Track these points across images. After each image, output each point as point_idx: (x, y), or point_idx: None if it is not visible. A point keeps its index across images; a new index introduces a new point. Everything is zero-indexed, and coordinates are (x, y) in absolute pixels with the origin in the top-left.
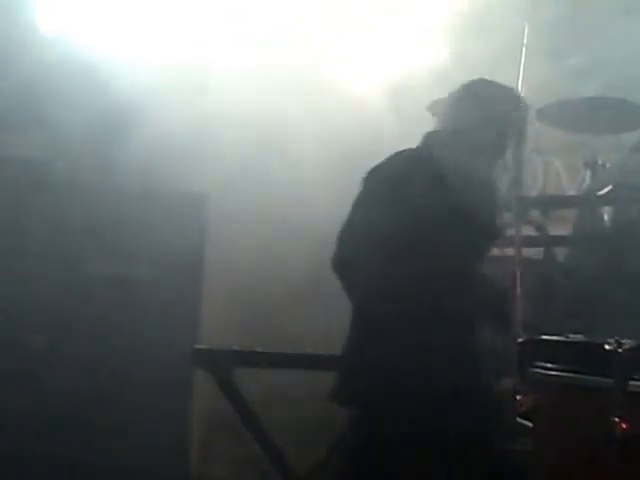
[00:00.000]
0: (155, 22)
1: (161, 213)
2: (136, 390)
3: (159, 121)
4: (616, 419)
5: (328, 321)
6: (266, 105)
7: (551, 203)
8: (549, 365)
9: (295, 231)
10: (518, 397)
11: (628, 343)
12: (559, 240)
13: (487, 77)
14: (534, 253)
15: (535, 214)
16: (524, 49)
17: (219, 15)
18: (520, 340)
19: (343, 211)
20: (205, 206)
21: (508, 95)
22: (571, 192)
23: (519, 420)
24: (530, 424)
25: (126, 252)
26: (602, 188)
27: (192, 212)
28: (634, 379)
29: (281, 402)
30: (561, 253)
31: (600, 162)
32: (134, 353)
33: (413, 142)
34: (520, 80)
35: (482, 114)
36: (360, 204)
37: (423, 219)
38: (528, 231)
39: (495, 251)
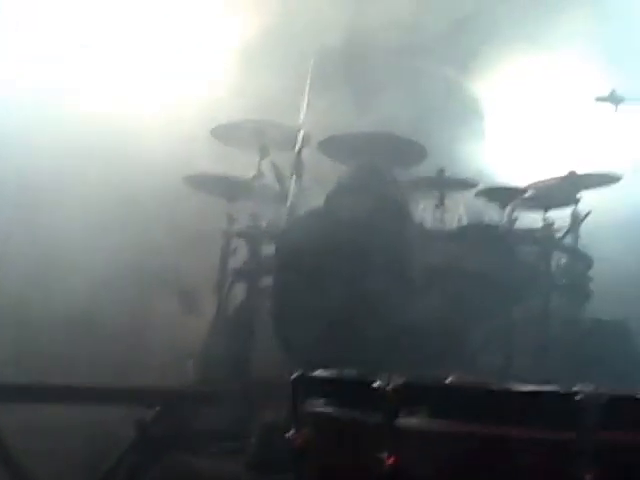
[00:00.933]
0: None
1: None
2: None
3: None
4: (383, 455)
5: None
6: None
7: None
8: (320, 400)
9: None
10: (290, 432)
11: (397, 380)
12: None
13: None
14: None
15: None
16: (309, 82)
17: None
18: (293, 376)
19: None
20: None
21: None
22: None
23: (290, 455)
24: (302, 460)
25: None
26: None
27: None
28: (401, 415)
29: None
30: None
31: None
32: None
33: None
34: (303, 112)
35: None
36: None
37: None
38: None
39: None
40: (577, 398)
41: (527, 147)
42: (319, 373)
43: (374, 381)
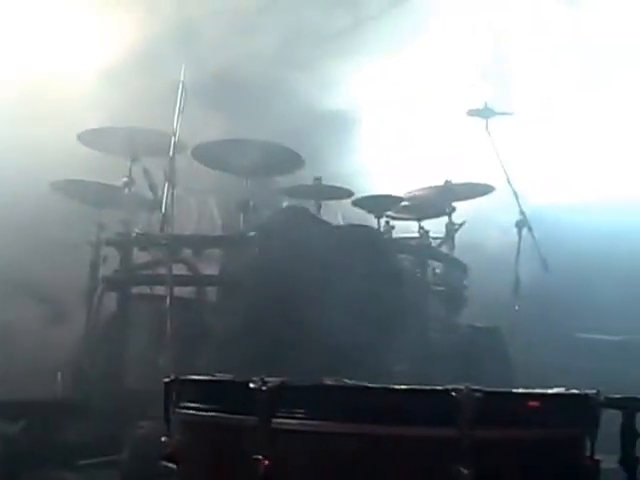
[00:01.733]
0: None
1: None
2: None
3: None
4: (259, 457)
5: None
6: None
7: (203, 242)
8: (195, 405)
9: None
10: (163, 439)
11: (273, 381)
12: (211, 279)
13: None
14: (186, 292)
15: (187, 253)
16: (181, 87)
17: None
18: (166, 380)
19: None
20: None
21: None
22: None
23: (164, 462)
24: (175, 466)
25: None
26: (254, 229)
27: None
28: (278, 417)
29: None
30: (213, 292)
31: (252, 204)
32: None
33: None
34: (176, 119)
35: None
36: None
37: None
38: (180, 270)
39: (147, 289)
40: (453, 395)
41: (404, 156)
42: (193, 377)
43: (249, 382)
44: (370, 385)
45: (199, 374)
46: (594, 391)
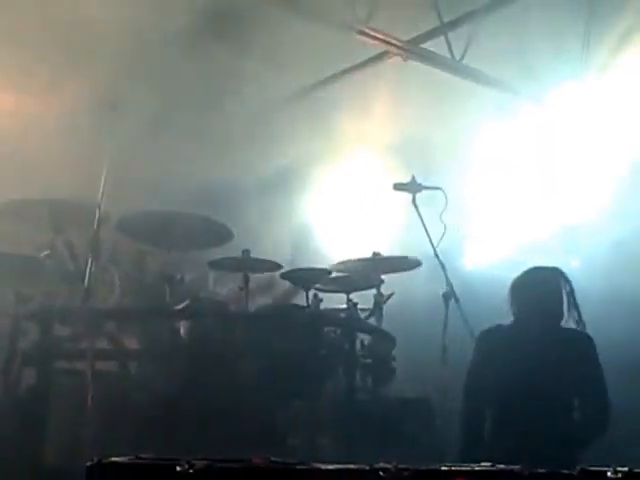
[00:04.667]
0: None
1: None
2: None
3: None
4: None
5: None
6: None
7: (126, 315)
8: None
9: None
10: None
11: (199, 464)
12: (134, 353)
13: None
14: (108, 366)
15: (110, 326)
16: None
17: None
18: (88, 463)
19: None
20: None
21: None
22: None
23: None
24: None
25: None
26: (180, 302)
27: None
28: None
29: None
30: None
31: (179, 276)
32: None
33: None
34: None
35: None
36: None
37: None
38: (102, 344)
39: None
40: (381, 475)
41: (333, 229)
42: (117, 459)
43: (176, 465)
44: (298, 466)
45: (122, 455)
46: (518, 467)
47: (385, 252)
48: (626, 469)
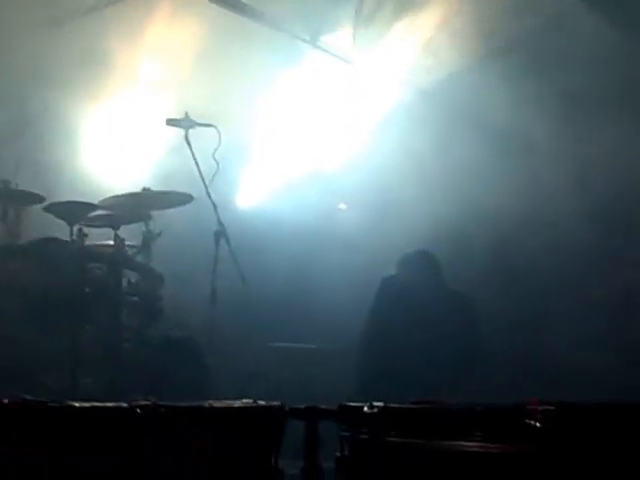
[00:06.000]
0: None
1: None
2: None
3: None
4: None
5: None
6: None
7: None
8: None
9: None
10: None
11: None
12: None
13: None
14: None
15: None
16: None
17: None
18: None
19: None
20: None
21: None
22: None
23: None
24: None
25: None
26: None
27: None
28: None
29: None
30: None
31: None
32: None
33: None
34: None
35: None
36: None
37: None
38: None
39: None
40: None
41: (101, 164)
42: None
43: None
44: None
45: None
46: (279, 403)
47: (155, 187)
48: (381, 404)
